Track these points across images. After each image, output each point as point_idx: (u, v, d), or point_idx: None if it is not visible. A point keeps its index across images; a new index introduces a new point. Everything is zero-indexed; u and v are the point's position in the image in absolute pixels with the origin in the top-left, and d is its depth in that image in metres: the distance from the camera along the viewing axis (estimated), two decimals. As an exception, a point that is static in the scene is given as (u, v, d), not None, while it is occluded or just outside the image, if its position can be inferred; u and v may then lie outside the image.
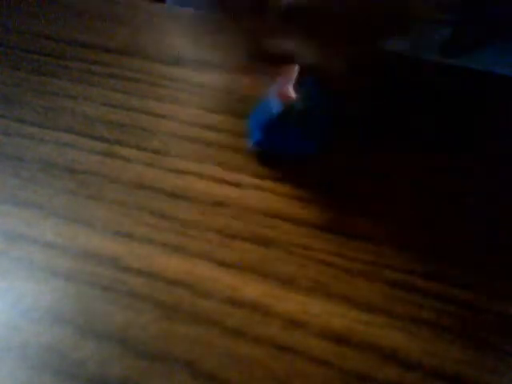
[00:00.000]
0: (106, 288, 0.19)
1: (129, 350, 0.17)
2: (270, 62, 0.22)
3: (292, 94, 0.23)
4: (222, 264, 0.20)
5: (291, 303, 0.19)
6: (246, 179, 0.24)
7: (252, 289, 0.19)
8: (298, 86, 0.23)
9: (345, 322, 0.18)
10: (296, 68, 0.23)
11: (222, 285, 0.19)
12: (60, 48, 0.31)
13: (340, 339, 0.18)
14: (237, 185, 0.23)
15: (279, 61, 0.22)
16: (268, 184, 0.23)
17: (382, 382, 0.17)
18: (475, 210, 0.23)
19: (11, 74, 0.29)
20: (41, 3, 0.35)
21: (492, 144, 0.26)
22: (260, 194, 0.23)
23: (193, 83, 0.29)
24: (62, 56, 0.31)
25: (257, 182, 0.23)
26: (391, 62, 0.29)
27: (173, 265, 0.20)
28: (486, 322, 0.19)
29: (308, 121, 0.24)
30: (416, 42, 0.21)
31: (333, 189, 0.23)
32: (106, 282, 0.19)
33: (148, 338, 0.18)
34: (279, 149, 0.25)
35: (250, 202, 0.23)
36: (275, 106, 0.24)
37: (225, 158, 0.25)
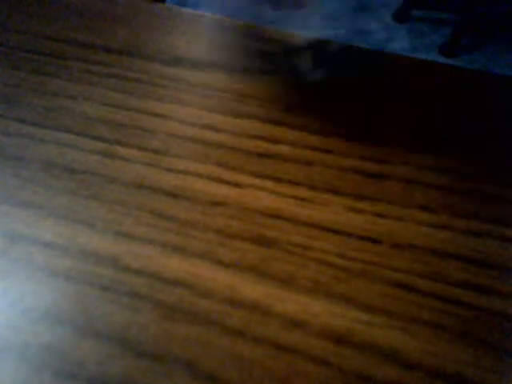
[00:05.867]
0: (105, 288, 0.19)
1: (129, 350, 0.17)
2: None
3: None
4: (222, 264, 0.20)
5: (291, 303, 0.19)
6: (246, 179, 0.24)
7: (252, 289, 0.19)
8: None
9: (345, 322, 0.18)
10: None
11: (222, 285, 0.19)
12: (60, 48, 0.31)
13: (340, 339, 0.18)
14: (236, 185, 0.23)
15: None
16: (268, 184, 0.23)
17: (382, 382, 0.17)
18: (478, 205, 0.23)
19: (11, 73, 0.29)
20: (41, 3, 0.35)
21: (492, 144, 0.26)
22: (260, 193, 0.23)
23: (193, 83, 0.29)
24: (62, 56, 0.31)
25: (256, 181, 0.23)
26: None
27: (173, 265, 0.20)
28: (486, 322, 0.19)
29: None
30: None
31: (333, 187, 0.23)
32: (105, 282, 0.19)
33: (148, 337, 0.18)
34: None
35: (249, 202, 0.23)
36: None
37: (224, 157, 0.25)
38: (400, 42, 1.62)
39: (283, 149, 0.25)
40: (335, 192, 0.23)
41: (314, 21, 1.59)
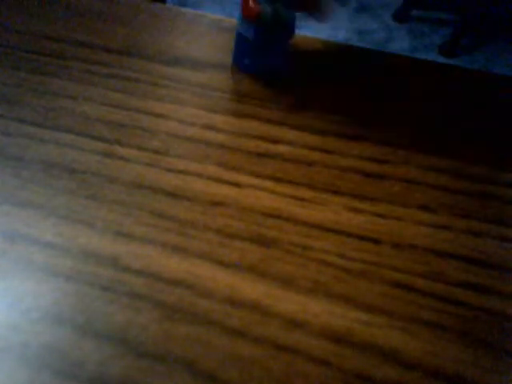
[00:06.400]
0: (105, 288, 0.19)
1: (129, 350, 0.17)
2: None
3: (255, 7, 0.25)
4: (222, 264, 0.20)
5: (291, 303, 0.19)
6: (246, 179, 0.24)
7: (252, 289, 0.19)
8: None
9: (345, 322, 0.18)
10: None
11: (222, 285, 0.19)
12: (60, 48, 0.31)
13: (340, 339, 0.18)
14: (236, 184, 0.23)
15: None
16: (268, 184, 0.23)
17: (382, 382, 0.17)
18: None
19: (11, 73, 0.29)
20: (41, 3, 0.35)
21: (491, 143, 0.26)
22: (260, 193, 0.23)
23: (193, 83, 0.29)
24: (62, 56, 0.31)
25: (256, 181, 0.23)
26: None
27: (173, 265, 0.20)
28: (486, 322, 0.19)
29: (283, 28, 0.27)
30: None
31: (333, 187, 0.23)
32: (105, 282, 0.19)
33: (148, 338, 0.18)
34: (265, 70, 0.29)
35: (249, 202, 0.23)
36: (248, 30, 0.27)
37: (224, 157, 0.25)
38: (400, 42, 1.62)
39: (283, 149, 0.25)
40: (335, 192, 0.23)
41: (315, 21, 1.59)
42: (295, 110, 0.27)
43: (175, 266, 0.20)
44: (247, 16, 0.26)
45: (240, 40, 0.28)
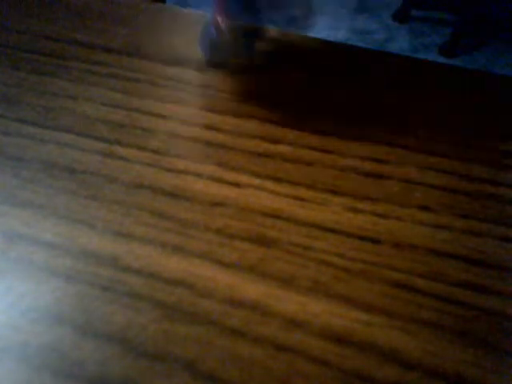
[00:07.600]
0: (105, 288, 0.19)
1: (129, 350, 0.17)
2: None
3: (222, 22, 0.27)
4: (222, 264, 0.20)
5: (291, 303, 0.19)
6: (246, 179, 0.24)
7: (252, 289, 0.19)
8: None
9: (345, 322, 0.18)
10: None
11: (222, 285, 0.19)
12: (60, 48, 0.31)
13: (340, 339, 0.18)
14: (236, 185, 0.23)
15: None
16: (268, 184, 0.23)
17: (382, 382, 0.17)
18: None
19: (11, 74, 0.29)
20: (41, 3, 0.35)
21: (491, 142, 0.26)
22: (260, 193, 0.23)
23: (193, 83, 0.29)
24: (62, 56, 0.31)
25: (256, 181, 0.23)
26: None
27: (173, 265, 0.20)
28: (486, 322, 0.19)
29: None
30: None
31: (332, 187, 0.23)
32: (105, 282, 0.19)
33: (148, 338, 0.18)
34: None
35: (249, 202, 0.23)
36: (213, 31, 0.28)
37: (224, 157, 0.25)
38: (400, 42, 1.62)
39: (283, 149, 0.25)
40: (335, 192, 0.23)
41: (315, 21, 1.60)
42: (295, 109, 0.27)
43: (175, 265, 0.20)
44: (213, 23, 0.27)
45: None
